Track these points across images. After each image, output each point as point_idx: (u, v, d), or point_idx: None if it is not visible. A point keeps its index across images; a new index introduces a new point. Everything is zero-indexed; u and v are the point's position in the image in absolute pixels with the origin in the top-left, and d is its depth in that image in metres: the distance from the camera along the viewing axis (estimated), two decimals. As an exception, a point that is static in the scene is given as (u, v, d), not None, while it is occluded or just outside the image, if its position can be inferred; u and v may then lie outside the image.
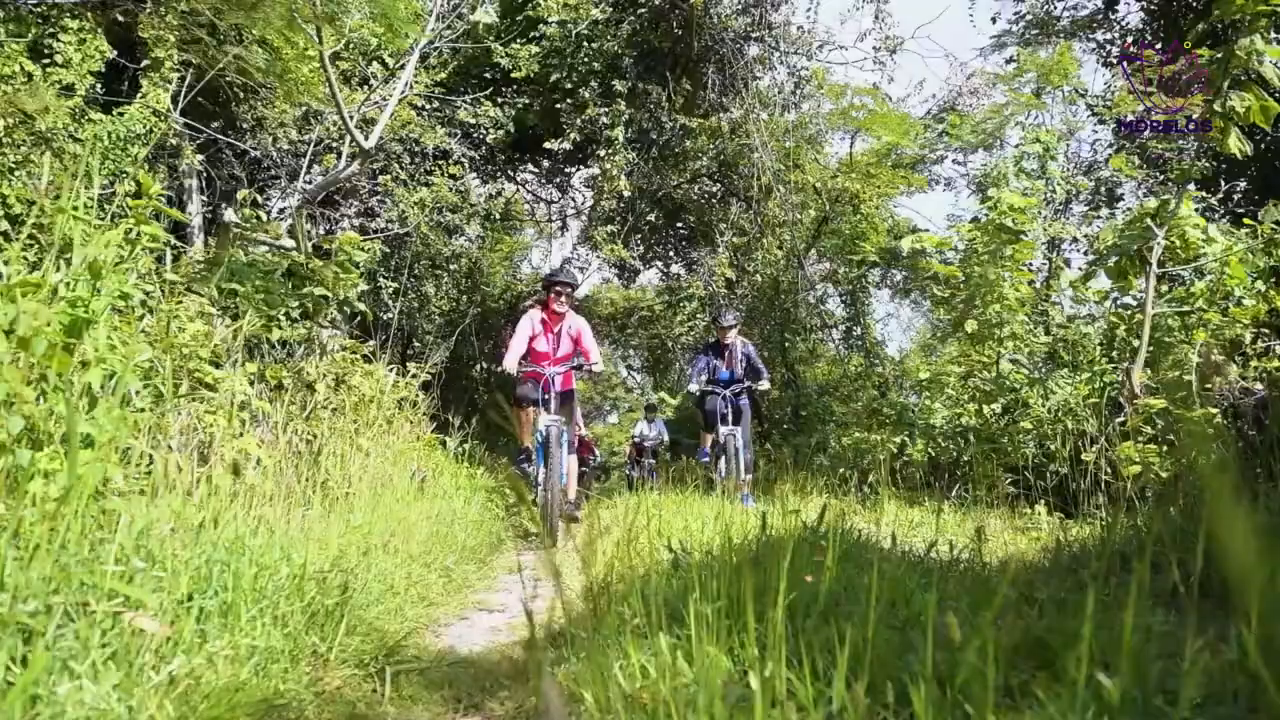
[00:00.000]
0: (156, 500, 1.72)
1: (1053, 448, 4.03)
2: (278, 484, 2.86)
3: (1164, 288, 4.15)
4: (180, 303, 3.39)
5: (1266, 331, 3.50)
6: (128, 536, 1.36)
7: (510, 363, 4.85)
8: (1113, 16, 8.08)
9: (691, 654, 1.13)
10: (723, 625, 1.17)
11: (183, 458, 2.13)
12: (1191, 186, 8.06)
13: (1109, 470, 3.51)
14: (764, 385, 6.25)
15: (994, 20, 8.99)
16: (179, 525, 1.61)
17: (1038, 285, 6.59)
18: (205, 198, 8.07)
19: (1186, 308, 3.94)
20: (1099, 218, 7.57)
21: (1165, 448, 3.40)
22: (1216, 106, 3.73)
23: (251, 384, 3.58)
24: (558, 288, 5.12)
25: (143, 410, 2.33)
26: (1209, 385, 3.29)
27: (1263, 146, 8.22)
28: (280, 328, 4.58)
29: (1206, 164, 4.16)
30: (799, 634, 1.11)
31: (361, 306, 4.64)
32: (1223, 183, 8.06)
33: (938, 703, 0.83)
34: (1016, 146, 6.15)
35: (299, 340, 4.80)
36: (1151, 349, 3.90)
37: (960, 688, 0.83)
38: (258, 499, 2.42)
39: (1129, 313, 4.35)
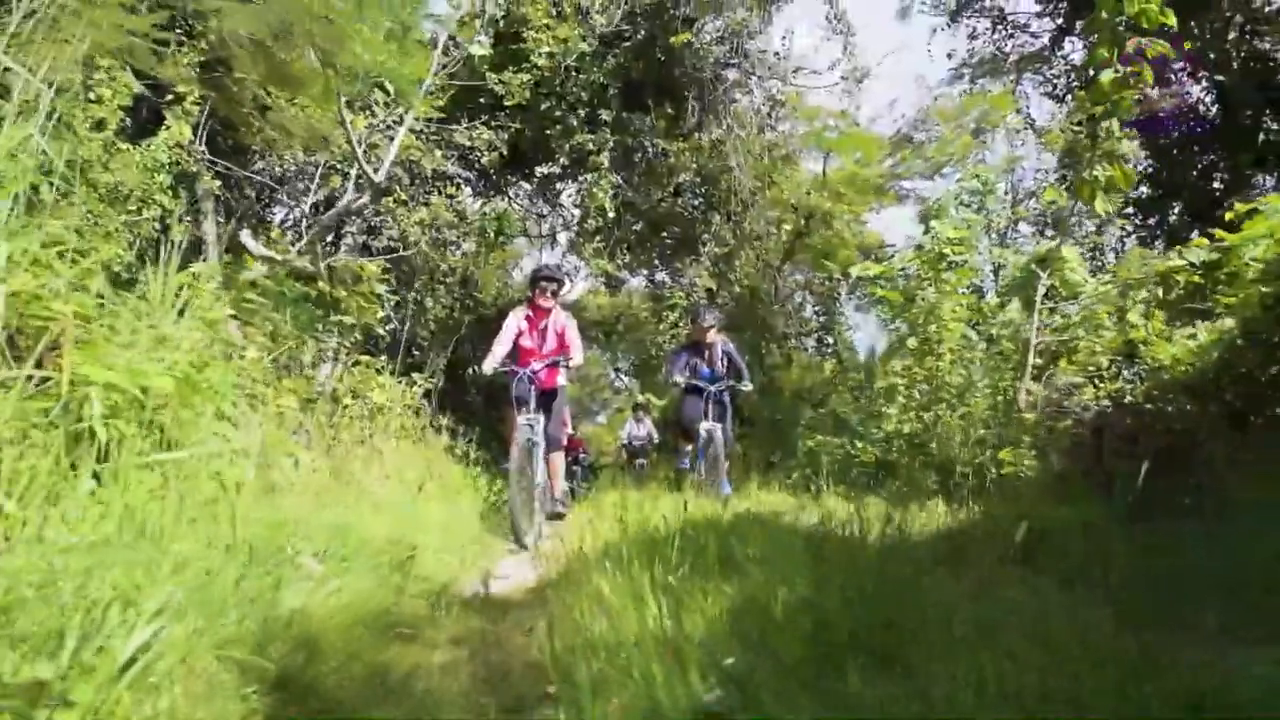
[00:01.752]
0: (282, 491, 2.67)
1: (960, 452, 5.02)
2: (326, 481, 3.82)
3: (1057, 317, 5.14)
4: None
5: (1120, 359, 4.48)
6: (295, 509, 2.31)
7: (489, 365, 4.87)
8: (1058, 53, 9.10)
9: (629, 574, 2.09)
10: (647, 561, 2.13)
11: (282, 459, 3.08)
12: (1130, 210, 9.07)
13: (994, 470, 4.52)
14: (747, 386, 6.31)
15: (949, 56, 10.03)
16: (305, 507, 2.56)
17: (985, 301, 7.53)
18: (220, 218, 8.96)
19: (1065, 336, 4.94)
20: (1044, 238, 8.59)
21: (1035, 452, 4.40)
22: (1085, 175, 4.72)
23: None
24: (543, 283, 5.12)
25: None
26: (1065, 403, 4.28)
27: (1195, 174, 9.26)
28: (310, 350, 5.53)
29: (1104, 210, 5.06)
30: (686, 562, 2.08)
31: (382, 332, 5.53)
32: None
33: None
34: (958, 181, 7.12)
35: (327, 358, 5.76)
36: (1037, 368, 4.90)
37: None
38: (325, 493, 3.38)
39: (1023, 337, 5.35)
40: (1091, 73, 4.79)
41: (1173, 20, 4.61)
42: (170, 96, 7.98)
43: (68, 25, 3.41)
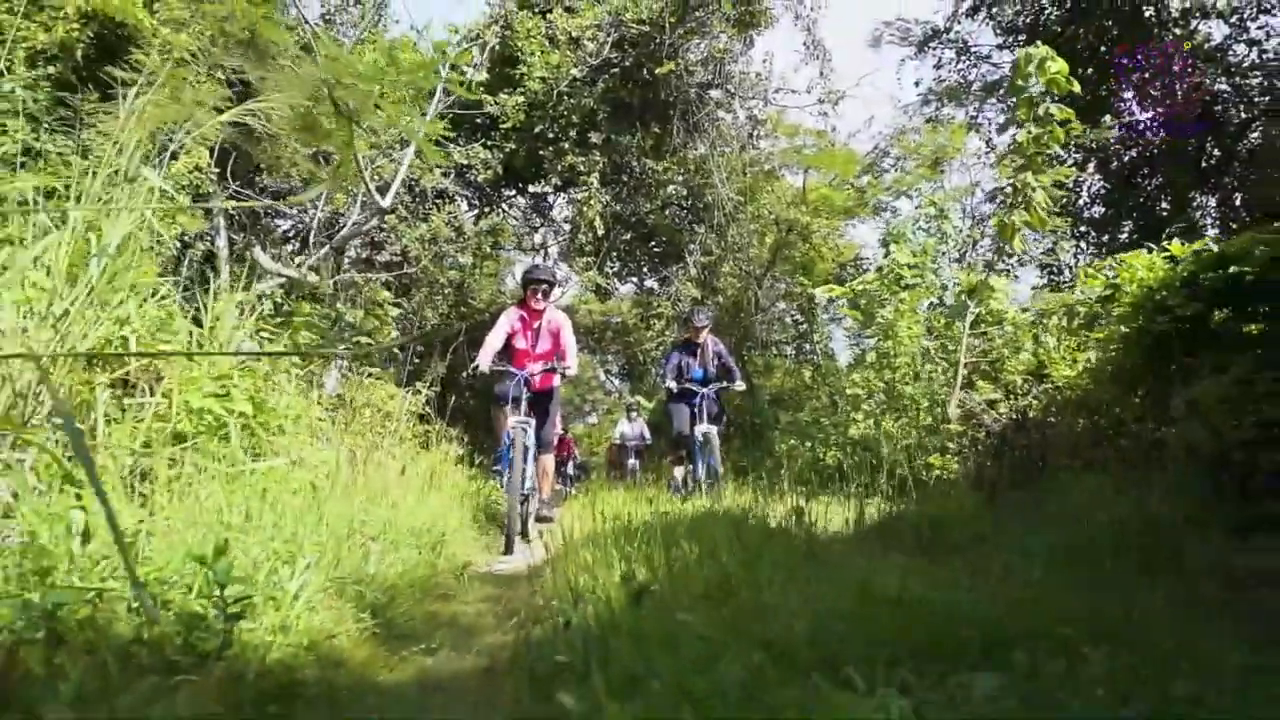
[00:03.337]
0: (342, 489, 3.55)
1: (900, 455, 5.92)
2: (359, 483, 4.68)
3: (985, 340, 6.07)
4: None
5: (1030, 377, 5.41)
6: (363, 501, 3.20)
7: (483, 362, 4.91)
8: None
9: (604, 549, 2.98)
10: (617, 541, 3.03)
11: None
12: (1084, 228, 9.96)
13: (925, 472, 5.43)
14: (739, 386, 6.50)
15: (917, 84, 10.95)
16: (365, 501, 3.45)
17: (937, 314, 8.43)
18: (232, 234, 9.81)
19: (991, 357, 5.87)
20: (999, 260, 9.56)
21: (957, 457, 5.32)
22: (1005, 219, 5.64)
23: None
24: (533, 285, 5.16)
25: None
26: (982, 417, 5.20)
27: (1142, 200, 10.20)
28: (330, 364, 6.40)
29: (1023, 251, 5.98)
30: (646, 545, 2.97)
31: (396, 351, 6.40)
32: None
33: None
34: (917, 208, 8.04)
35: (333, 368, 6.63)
36: (966, 385, 5.82)
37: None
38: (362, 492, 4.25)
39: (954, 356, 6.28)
40: (1014, 130, 5.71)
41: (1077, 88, 5.54)
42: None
43: (152, 109, 4.26)
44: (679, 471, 6.46)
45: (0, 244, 3.06)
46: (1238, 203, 9.41)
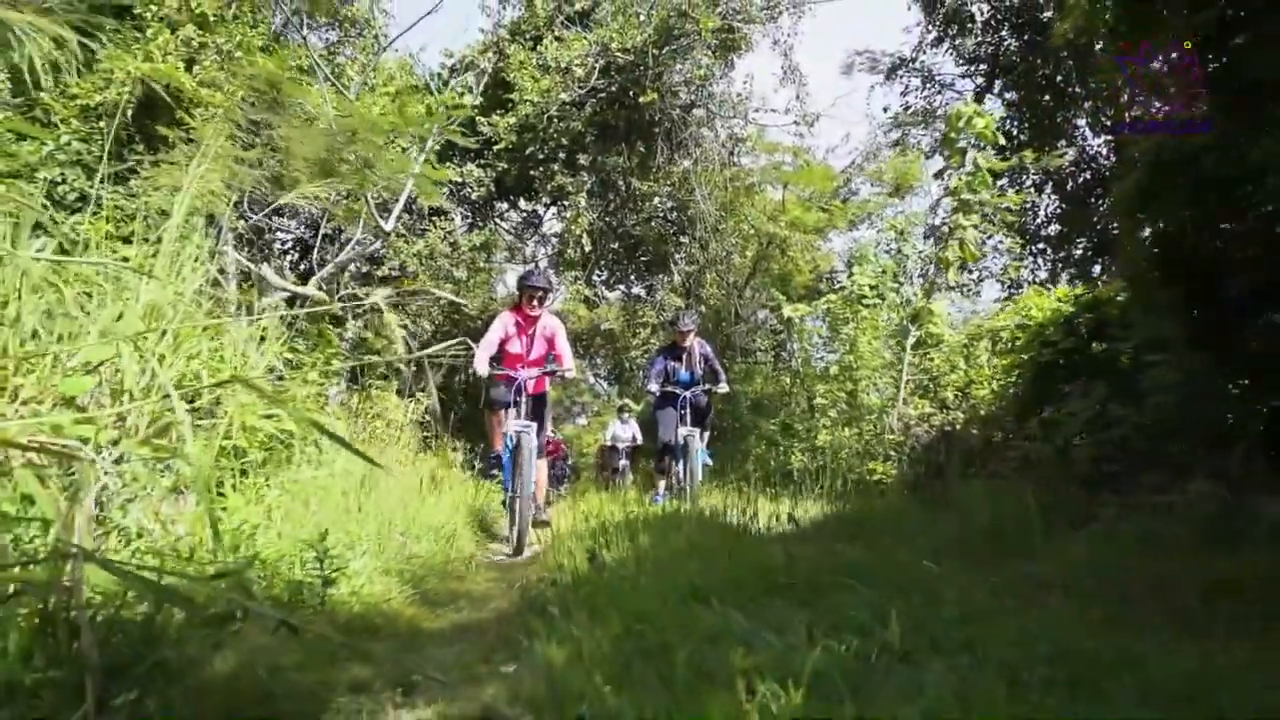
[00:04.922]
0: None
1: (850, 461, 6.88)
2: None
3: (926, 360, 7.04)
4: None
5: (961, 394, 6.37)
6: (389, 502, 4.12)
7: (481, 364, 5.01)
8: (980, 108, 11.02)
9: (584, 540, 3.92)
10: (594, 534, 3.96)
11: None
12: (1041, 245, 10.91)
13: (868, 477, 6.39)
14: (723, 388, 6.57)
15: (886, 109, 11.95)
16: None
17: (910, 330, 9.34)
18: (240, 254, 10.66)
19: (932, 374, 6.84)
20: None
21: (895, 463, 6.28)
22: (940, 254, 6.59)
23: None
24: (529, 291, 5.26)
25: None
26: (916, 429, 6.16)
27: (1095, 220, 11.18)
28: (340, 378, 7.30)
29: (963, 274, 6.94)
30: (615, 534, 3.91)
31: (403, 368, 7.30)
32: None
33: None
34: (878, 231, 8.99)
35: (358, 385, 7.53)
36: (910, 398, 6.78)
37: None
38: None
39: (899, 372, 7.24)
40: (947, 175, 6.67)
41: (1002, 140, 6.49)
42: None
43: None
44: (663, 484, 6.70)
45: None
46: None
